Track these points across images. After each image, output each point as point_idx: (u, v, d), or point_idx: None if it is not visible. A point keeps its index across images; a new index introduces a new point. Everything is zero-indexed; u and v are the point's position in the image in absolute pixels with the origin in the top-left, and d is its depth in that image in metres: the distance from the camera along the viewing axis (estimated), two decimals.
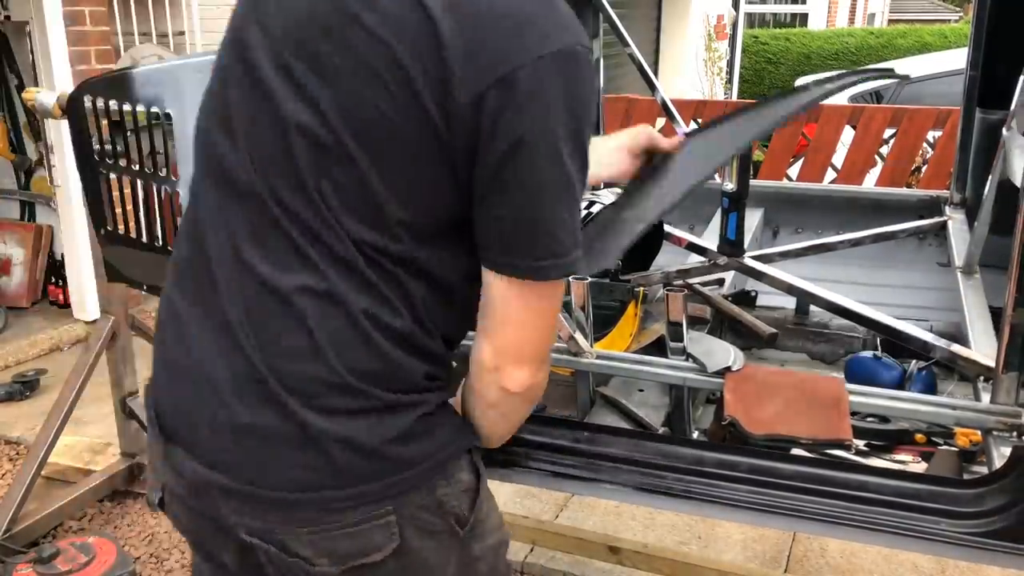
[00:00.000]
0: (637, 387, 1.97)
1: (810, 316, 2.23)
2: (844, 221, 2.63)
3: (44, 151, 4.72)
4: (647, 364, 1.76)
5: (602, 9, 2.87)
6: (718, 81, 10.39)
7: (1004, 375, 1.49)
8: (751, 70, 12.95)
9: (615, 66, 4.81)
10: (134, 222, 2.06)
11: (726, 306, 2.16)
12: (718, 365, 1.67)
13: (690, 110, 5.17)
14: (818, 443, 1.59)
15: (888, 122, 4.80)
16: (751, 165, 2.14)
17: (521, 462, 1.76)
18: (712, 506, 1.61)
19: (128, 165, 1.98)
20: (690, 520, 3.05)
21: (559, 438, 1.74)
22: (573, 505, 3.20)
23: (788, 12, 17.33)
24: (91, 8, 4.50)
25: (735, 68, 11.24)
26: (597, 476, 1.69)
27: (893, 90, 6.84)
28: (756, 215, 2.69)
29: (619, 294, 2.17)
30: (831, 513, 1.52)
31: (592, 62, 1.07)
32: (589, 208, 2.34)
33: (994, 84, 2.33)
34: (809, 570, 2.87)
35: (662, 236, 2.43)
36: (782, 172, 5.05)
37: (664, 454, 1.65)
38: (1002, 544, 1.42)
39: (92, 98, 1.95)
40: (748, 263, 2.18)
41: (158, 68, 1.90)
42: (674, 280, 2.26)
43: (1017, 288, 1.42)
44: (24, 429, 3.75)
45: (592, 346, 1.80)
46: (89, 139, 2.00)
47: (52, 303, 4.99)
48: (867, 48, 13.13)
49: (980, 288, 2.12)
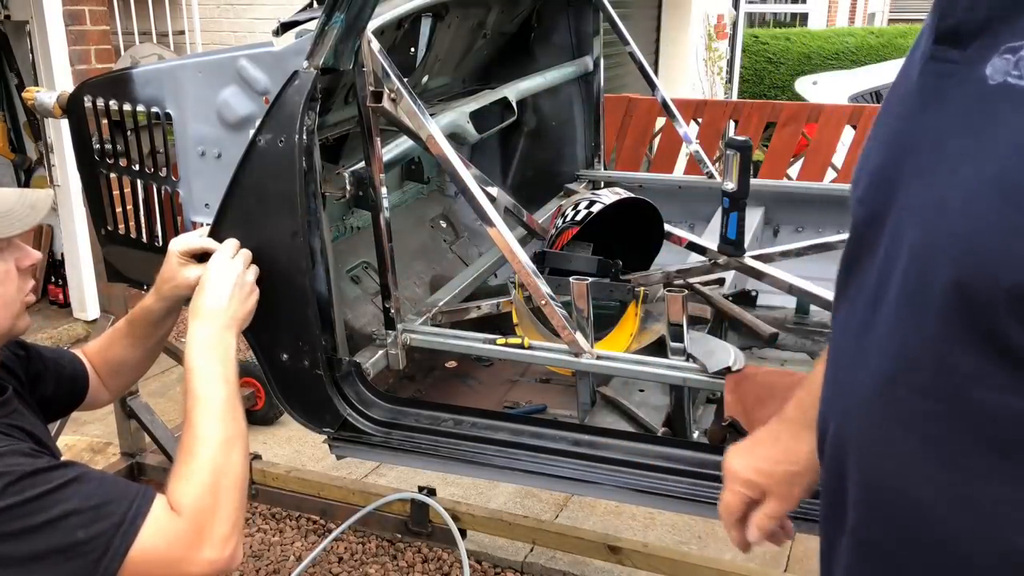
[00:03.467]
0: (637, 387, 1.97)
1: (810, 316, 2.23)
2: (844, 220, 2.60)
3: (44, 150, 4.72)
4: (647, 364, 1.75)
5: (602, 8, 2.88)
6: (718, 81, 10.39)
7: None
8: (751, 70, 12.93)
9: (615, 65, 4.81)
10: (134, 222, 2.06)
11: (726, 306, 2.16)
12: (718, 365, 1.67)
13: (690, 110, 5.17)
14: None
15: None
16: (751, 165, 2.13)
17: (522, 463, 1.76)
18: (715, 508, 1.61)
19: (128, 165, 1.98)
20: (690, 520, 3.04)
21: (559, 440, 1.75)
22: (573, 505, 3.20)
23: (788, 12, 17.32)
24: (91, 7, 4.49)
25: (735, 68, 11.23)
26: (598, 479, 1.69)
27: None
28: (756, 214, 2.69)
29: (619, 294, 2.17)
30: None
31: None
32: (590, 208, 2.35)
33: None
34: (809, 570, 2.86)
35: (662, 236, 2.44)
36: (782, 172, 5.04)
37: (666, 456, 1.65)
38: None
39: (92, 98, 1.95)
40: (748, 263, 2.18)
41: (158, 68, 1.89)
42: (674, 280, 2.26)
43: None
44: None
45: (592, 346, 1.80)
46: (89, 139, 2.00)
47: (52, 303, 4.99)
48: (867, 48, 13.11)
49: None
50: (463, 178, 1.81)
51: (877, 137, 0.94)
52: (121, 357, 1.72)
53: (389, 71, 1.73)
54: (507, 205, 2.42)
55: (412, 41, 2.30)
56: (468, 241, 2.99)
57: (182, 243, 1.69)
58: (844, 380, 0.92)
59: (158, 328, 1.72)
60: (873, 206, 0.89)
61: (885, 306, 0.85)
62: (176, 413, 3.69)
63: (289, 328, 1.77)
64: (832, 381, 0.97)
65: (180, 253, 1.67)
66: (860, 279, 0.91)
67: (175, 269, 1.67)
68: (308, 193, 1.69)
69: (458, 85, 2.81)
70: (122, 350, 1.71)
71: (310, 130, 1.67)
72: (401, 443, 1.85)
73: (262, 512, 3.19)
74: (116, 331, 1.73)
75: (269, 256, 1.74)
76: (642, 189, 2.79)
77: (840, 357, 0.95)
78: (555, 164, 3.08)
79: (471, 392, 2.31)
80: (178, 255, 1.67)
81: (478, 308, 2.16)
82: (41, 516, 1.13)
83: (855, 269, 0.93)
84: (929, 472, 0.81)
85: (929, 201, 0.79)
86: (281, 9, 5.01)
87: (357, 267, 2.43)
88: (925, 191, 0.80)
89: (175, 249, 1.68)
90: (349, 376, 1.85)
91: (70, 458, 3.47)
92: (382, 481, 3.30)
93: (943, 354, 0.78)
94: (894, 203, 0.85)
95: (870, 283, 0.88)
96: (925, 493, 0.82)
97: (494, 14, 2.64)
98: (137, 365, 1.75)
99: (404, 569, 2.89)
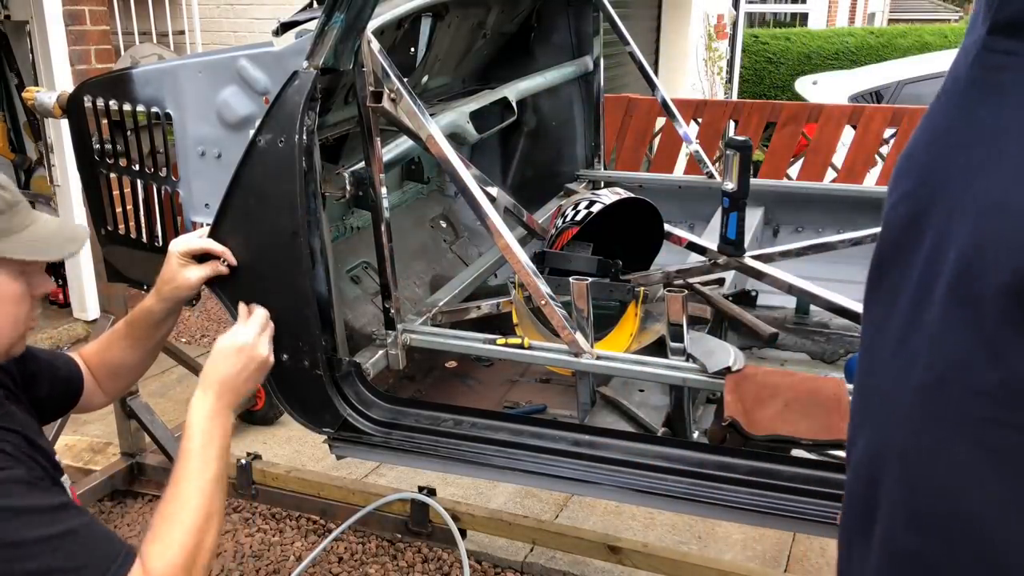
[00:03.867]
0: (637, 387, 1.97)
1: (810, 316, 2.23)
2: (844, 220, 2.63)
3: (44, 150, 4.72)
4: (647, 364, 1.75)
5: (602, 8, 2.88)
6: (718, 81, 10.39)
7: None
8: (751, 70, 12.94)
9: (615, 65, 4.81)
10: (134, 222, 2.06)
11: (726, 306, 2.16)
12: (718, 365, 1.67)
13: (690, 110, 5.17)
14: (818, 443, 1.59)
15: (888, 122, 4.80)
16: (751, 165, 2.13)
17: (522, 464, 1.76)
18: (715, 508, 1.62)
19: (128, 165, 1.98)
20: (690, 520, 3.04)
21: (560, 441, 1.74)
22: (573, 505, 3.20)
23: (788, 12, 17.33)
24: (91, 7, 4.49)
25: (735, 68, 11.23)
26: (598, 479, 1.69)
27: (893, 90, 6.83)
28: (756, 214, 2.69)
29: (619, 294, 2.17)
30: (832, 515, 1.52)
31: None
32: (590, 208, 2.35)
33: None
34: (809, 569, 2.86)
35: (662, 236, 2.44)
36: (782, 172, 5.05)
37: (666, 457, 1.65)
38: None
39: (92, 98, 1.95)
40: (748, 263, 2.18)
41: (158, 68, 1.89)
42: (674, 280, 2.26)
43: None
44: None
45: (592, 346, 1.80)
46: (89, 139, 2.00)
47: (52, 303, 4.98)
48: (867, 48, 13.12)
49: None
50: (463, 178, 1.81)
51: (923, 132, 0.89)
52: (120, 359, 1.72)
53: (389, 71, 1.73)
54: (507, 205, 2.42)
55: (412, 41, 2.30)
56: (468, 241, 2.99)
57: (183, 244, 1.69)
58: (882, 383, 0.88)
59: (158, 329, 1.72)
60: (915, 203, 0.86)
61: (931, 305, 0.81)
62: (176, 413, 3.69)
63: (289, 328, 1.77)
64: (865, 386, 0.93)
65: (180, 254, 1.68)
66: (897, 278, 0.87)
67: (175, 270, 1.67)
68: (308, 193, 1.69)
69: (458, 85, 2.81)
70: (121, 352, 1.71)
71: (310, 130, 1.67)
72: (401, 443, 1.85)
73: (262, 512, 3.19)
74: (115, 333, 1.73)
75: (269, 256, 1.73)
76: (642, 189, 2.79)
77: (875, 358, 0.91)
78: (555, 164, 3.08)
79: (471, 392, 2.31)
80: (178, 256, 1.67)
81: (478, 308, 2.16)
82: (21, 565, 1.14)
83: (890, 268, 0.89)
84: (983, 477, 0.77)
85: (985, 199, 0.76)
86: (281, 9, 5.01)
87: (357, 267, 2.43)
88: (979, 188, 0.77)
89: (175, 250, 1.68)
90: (349, 376, 1.85)
91: (70, 460, 3.46)
92: (382, 481, 3.30)
93: (1000, 355, 0.75)
94: (940, 200, 0.82)
95: (910, 282, 0.84)
96: (977, 499, 0.77)
97: (494, 14, 2.64)
98: (136, 367, 1.76)
99: (404, 569, 2.89)
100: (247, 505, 3.21)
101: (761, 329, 2.08)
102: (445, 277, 2.58)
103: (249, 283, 1.77)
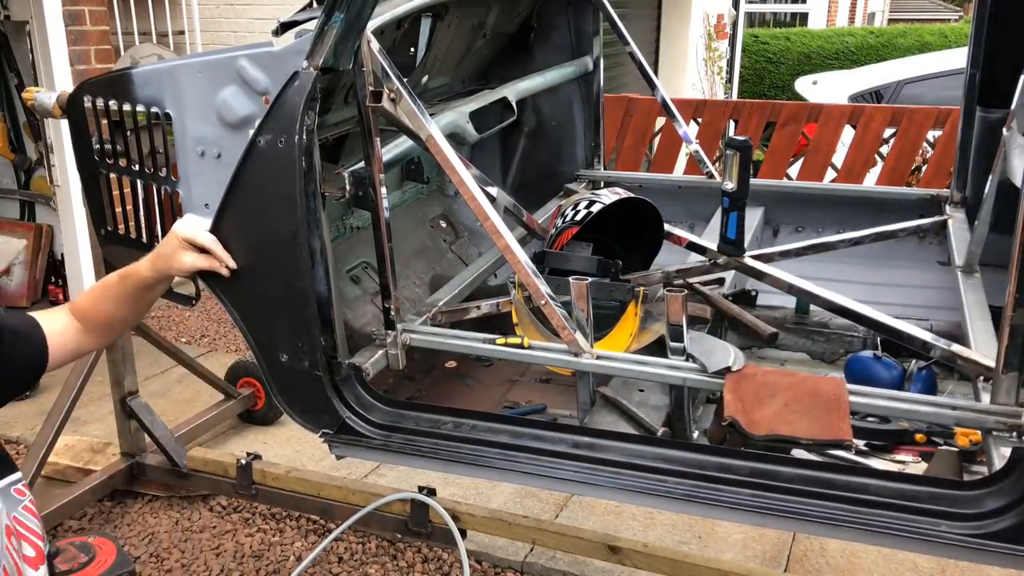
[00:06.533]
0: (637, 387, 1.97)
1: (810, 316, 2.23)
2: (844, 220, 2.63)
3: (44, 151, 4.72)
4: (647, 364, 1.75)
5: (602, 8, 2.88)
6: (718, 81, 10.38)
7: (1004, 375, 1.49)
8: (751, 69, 12.94)
9: (615, 65, 4.81)
10: (134, 222, 2.06)
11: (726, 306, 2.16)
12: (718, 365, 1.66)
13: (690, 110, 5.17)
14: (818, 443, 1.59)
15: (888, 122, 4.80)
16: (751, 164, 2.13)
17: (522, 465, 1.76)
18: (715, 508, 1.62)
19: (128, 165, 1.98)
20: (690, 520, 3.04)
21: (560, 443, 1.74)
22: (573, 505, 3.20)
23: (788, 11, 17.33)
24: (91, 7, 4.50)
25: (735, 68, 11.23)
26: (599, 481, 1.69)
27: (893, 90, 6.83)
28: (756, 214, 2.69)
29: (619, 294, 2.16)
30: (833, 516, 1.52)
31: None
32: (589, 208, 2.34)
33: (994, 83, 2.33)
34: (809, 569, 2.86)
35: (662, 236, 2.43)
36: (782, 171, 5.05)
37: (666, 459, 1.65)
38: (1002, 546, 1.42)
39: (92, 98, 1.95)
40: (748, 262, 2.18)
41: (158, 68, 1.89)
42: (674, 280, 2.26)
43: (1017, 288, 1.42)
44: (24, 429, 3.75)
45: (592, 346, 1.80)
46: (89, 139, 2.00)
47: (52, 303, 4.99)
48: (867, 47, 13.12)
49: (980, 287, 2.12)
50: (463, 178, 1.81)
51: None
52: (111, 312, 1.69)
53: (389, 71, 1.73)
54: (507, 205, 2.42)
55: (412, 41, 2.30)
56: (468, 241, 2.99)
57: (188, 231, 1.70)
58: None
59: (148, 292, 1.71)
60: None
61: None
62: (176, 413, 3.70)
63: (289, 328, 1.77)
64: None
65: (184, 238, 1.69)
66: None
67: (174, 249, 1.68)
68: (308, 193, 1.69)
69: (458, 85, 2.81)
70: (113, 306, 1.69)
71: (310, 130, 1.67)
72: (401, 446, 1.85)
73: (262, 512, 3.19)
74: (108, 288, 1.68)
75: (269, 256, 1.73)
76: (642, 189, 2.79)
77: None
78: (555, 164, 3.08)
79: (471, 392, 2.31)
80: (181, 240, 1.68)
81: (478, 308, 2.16)
82: None
83: None
84: None
85: None
86: (281, 9, 5.01)
87: (357, 267, 2.43)
88: None
89: (180, 232, 1.69)
90: (348, 379, 1.85)
91: (69, 460, 3.44)
92: (382, 481, 3.30)
93: None
94: None
95: None
96: None
97: (494, 14, 2.64)
98: (127, 319, 1.75)
99: (404, 569, 2.89)
100: (247, 505, 3.21)
101: (761, 329, 2.08)
102: (445, 277, 2.58)
103: (248, 283, 1.76)
